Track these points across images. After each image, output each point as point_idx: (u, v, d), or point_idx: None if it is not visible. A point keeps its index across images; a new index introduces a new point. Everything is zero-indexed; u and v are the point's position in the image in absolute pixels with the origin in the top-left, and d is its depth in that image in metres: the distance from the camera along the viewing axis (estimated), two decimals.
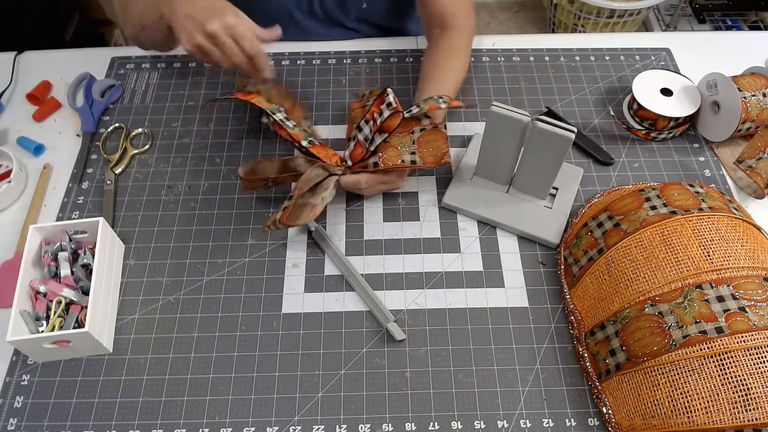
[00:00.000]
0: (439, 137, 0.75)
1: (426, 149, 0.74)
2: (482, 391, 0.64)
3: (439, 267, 0.73)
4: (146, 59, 0.96)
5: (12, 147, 0.84)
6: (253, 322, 0.69)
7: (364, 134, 0.73)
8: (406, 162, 0.73)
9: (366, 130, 0.73)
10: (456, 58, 0.84)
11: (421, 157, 0.74)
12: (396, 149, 0.74)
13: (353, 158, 0.74)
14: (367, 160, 0.73)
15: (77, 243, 0.70)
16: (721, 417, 0.54)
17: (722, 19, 1.92)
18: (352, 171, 0.73)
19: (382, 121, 0.71)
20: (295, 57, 0.96)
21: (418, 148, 0.74)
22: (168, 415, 0.63)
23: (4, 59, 0.95)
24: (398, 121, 0.71)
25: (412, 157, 0.73)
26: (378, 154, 0.73)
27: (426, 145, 0.75)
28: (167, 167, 0.83)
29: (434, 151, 0.74)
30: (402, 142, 0.74)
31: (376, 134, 0.72)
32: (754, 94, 0.79)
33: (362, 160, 0.73)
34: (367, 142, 0.73)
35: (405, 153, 0.74)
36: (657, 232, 0.64)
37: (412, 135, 0.75)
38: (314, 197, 0.71)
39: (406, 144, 0.74)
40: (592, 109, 0.89)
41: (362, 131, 0.74)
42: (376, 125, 0.72)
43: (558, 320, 0.69)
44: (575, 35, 1.03)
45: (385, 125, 0.72)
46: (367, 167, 0.73)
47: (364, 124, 0.73)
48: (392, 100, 0.72)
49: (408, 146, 0.74)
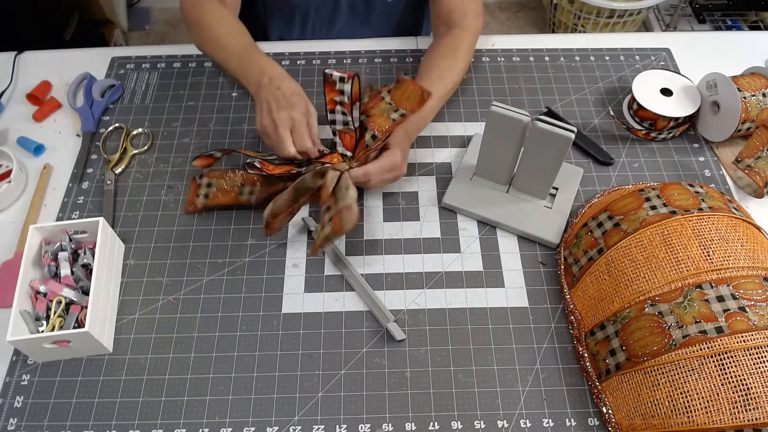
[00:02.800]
0: (407, 85, 0.74)
1: (405, 101, 0.74)
2: (482, 391, 0.64)
3: (439, 267, 0.73)
4: (146, 59, 0.96)
5: (12, 147, 0.84)
6: (253, 322, 0.69)
7: (342, 120, 0.72)
8: (396, 119, 0.72)
9: (339, 116, 0.72)
10: (454, 59, 0.84)
11: (406, 108, 0.73)
12: (382, 116, 0.73)
13: (349, 148, 0.73)
14: (363, 140, 0.72)
15: (77, 243, 0.70)
16: (721, 417, 0.54)
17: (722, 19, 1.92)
18: (357, 161, 0.73)
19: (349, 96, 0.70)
20: (295, 57, 0.96)
21: (398, 103, 0.73)
22: (168, 415, 0.63)
23: (4, 59, 0.95)
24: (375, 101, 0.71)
25: (398, 114, 0.73)
26: (369, 126, 0.72)
27: (401, 98, 0.74)
28: (167, 167, 0.83)
29: (412, 97, 0.73)
30: (382, 108, 0.74)
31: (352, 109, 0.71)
32: (753, 94, 0.79)
33: (358, 143, 0.72)
34: (348, 124, 0.72)
35: (391, 113, 0.73)
36: (657, 232, 0.64)
37: (384, 99, 0.74)
38: (343, 200, 0.68)
39: (385, 109, 0.73)
40: (592, 109, 0.89)
41: (336, 122, 0.73)
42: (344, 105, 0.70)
43: (558, 320, 0.69)
44: (575, 35, 1.04)
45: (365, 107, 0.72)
46: (367, 146, 0.72)
47: (332, 114, 0.72)
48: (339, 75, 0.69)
49: (388, 109, 0.73)
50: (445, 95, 0.84)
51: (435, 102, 0.81)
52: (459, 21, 0.87)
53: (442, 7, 0.88)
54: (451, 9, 0.87)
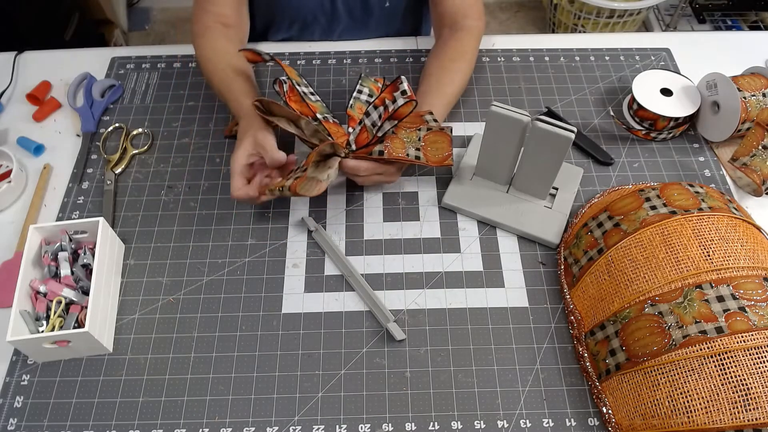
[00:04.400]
0: (444, 140, 0.75)
1: (430, 149, 0.74)
2: (482, 391, 0.64)
3: (439, 267, 0.73)
4: (146, 59, 0.96)
5: (12, 147, 0.84)
6: (253, 322, 0.69)
7: (372, 120, 0.72)
8: (411, 156, 0.73)
9: (374, 115, 0.72)
10: (462, 61, 0.84)
11: (425, 155, 0.74)
12: (402, 142, 0.73)
13: (358, 143, 0.73)
14: (373, 147, 0.72)
15: (77, 243, 0.71)
16: (721, 417, 0.54)
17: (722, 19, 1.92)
18: (355, 155, 0.73)
19: (394, 109, 0.70)
20: (295, 57, 0.96)
21: (423, 147, 0.74)
22: (168, 415, 0.63)
23: (4, 59, 0.95)
24: (411, 109, 0.70)
25: (416, 153, 0.73)
26: (384, 143, 0.73)
27: (431, 145, 0.75)
28: (167, 167, 0.83)
29: (438, 152, 0.75)
30: (409, 138, 0.74)
31: (386, 121, 0.71)
32: (753, 94, 0.79)
33: (367, 146, 0.73)
34: (374, 128, 0.72)
35: (410, 148, 0.73)
36: (657, 232, 0.64)
37: (418, 132, 0.75)
38: (320, 173, 0.70)
39: (412, 140, 0.74)
40: (592, 109, 0.89)
41: (370, 116, 0.73)
42: (387, 112, 0.71)
43: (558, 320, 0.69)
44: (575, 35, 1.03)
45: (398, 113, 0.71)
46: (371, 154, 0.72)
47: (373, 110, 0.73)
48: (407, 88, 0.71)
49: (414, 142, 0.74)
50: (455, 99, 0.84)
51: (445, 108, 0.81)
52: (463, 23, 0.87)
53: (444, 9, 0.88)
54: (453, 11, 0.87)
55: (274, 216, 0.78)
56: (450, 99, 0.81)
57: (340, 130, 0.76)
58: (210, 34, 0.85)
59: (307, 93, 0.76)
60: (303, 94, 0.75)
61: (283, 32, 1.01)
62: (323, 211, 0.78)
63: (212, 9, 0.86)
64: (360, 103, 0.79)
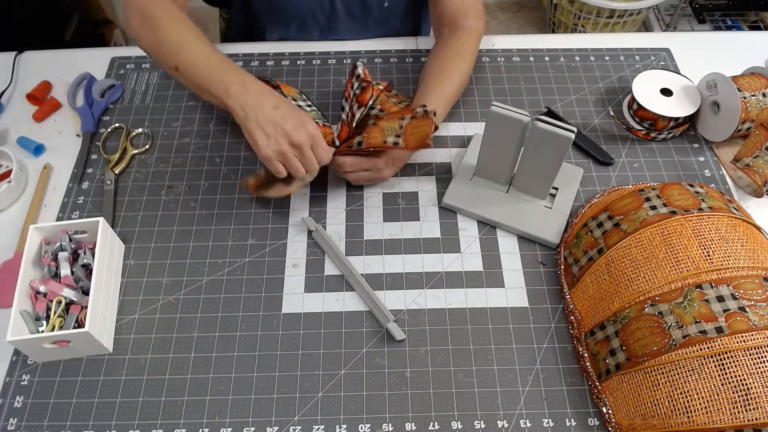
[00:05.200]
0: (426, 123, 0.74)
1: (411, 134, 0.74)
2: (482, 391, 0.64)
3: (439, 267, 0.73)
4: (146, 59, 0.96)
5: (12, 147, 0.84)
6: (253, 322, 0.69)
7: (345, 112, 0.73)
8: (390, 143, 0.72)
9: (346, 107, 0.73)
10: (461, 61, 0.84)
11: (405, 140, 0.73)
12: (382, 131, 0.73)
13: (340, 138, 0.74)
14: (352, 140, 0.73)
15: (77, 243, 0.70)
16: (721, 417, 0.54)
17: (722, 19, 1.92)
18: (339, 151, 0.73)
19: (355, 95, 0.70)
20: (295, 57, 0.96)
21: (404, 133, 0.73)
22: (168, 415, 0.63)
23: (4, 59, 0.95)
24: (370, 93, 0.71)
25: (395, 140, 0.73)
26: (363, 134, 0.72)
27: (412, 130, 0.74)
28: (167, 167, 0.83)
29: (418, 135, 0.74)
30: (390, 127, 0.74)
31: (356, 110, 0.72)
32: (753, 94, 0.79)
33: (347, 139, 0.73)
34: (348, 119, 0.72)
35: (390, 136, 0.73)
36: (657, 232, 0.64)
37: (401, 121, 0.74)
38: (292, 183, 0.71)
39: (393, 129, 0.73)
40: (592, 109, 0.89)
41: (344, 110, 0.73)
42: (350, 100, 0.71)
43: (558, 320, 0.69)
44: (575, 35, 1.03)
45: (360, 99, 0.71)
46: (351, 146, 0.72)
47: (345, 103, 0.73)
48: (361, 72, 0.71)
49: (395, 131, 0.73)
50: (454, 99, 0.84)
51: (444, 108, 0.81)
52: (462, 23, 0.87)
53: (444, 9, 0.88)
54: (452, 11, 0.87)
55: (274, 216, 0.78)
56: (449, 98, 0.81)
57: (328, 131, 0.76)
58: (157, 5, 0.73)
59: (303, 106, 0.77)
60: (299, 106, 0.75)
61: (282, 31, 1.00)
62: (323, 211, 0.78)
63: None
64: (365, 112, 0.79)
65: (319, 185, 0.80)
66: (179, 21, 0.72)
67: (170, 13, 0.73)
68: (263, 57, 0.96)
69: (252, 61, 0.95)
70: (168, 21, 0.72)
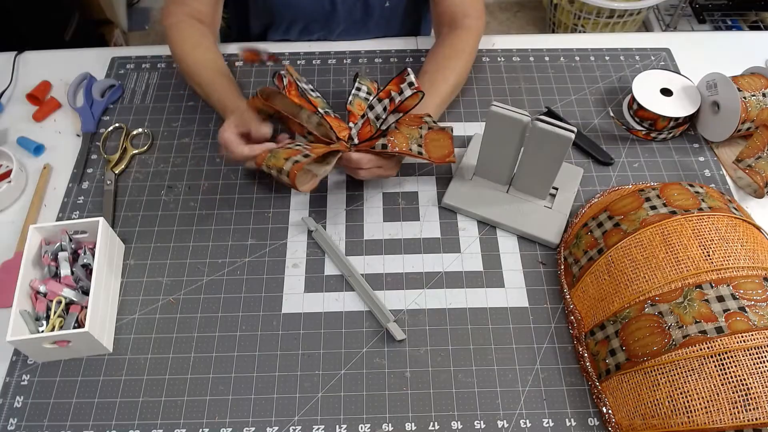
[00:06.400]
0: (445, 137, 0.76)
1: (431, 146, 0.74)
2: (482, 391, 0.64)
3: (439, 267, 0.73)
4: (146, 59, 0.96)
5: (12, 147, 0.84)
6: (253, 322, 0.69)
7: (376, 113, 0.72)
8: (414, 151, 0.73)
9: (378, 108, 0.72)
10: (458, 59, 0.84)
11: (427, 151, 0.74)
12: (405, 137, 0.73)
13: (361, 136, 0.73)
14: (376, 140, 0.72)
15: (77, 243, 0.70)
16: (721, 417, 0.54)
17: (722, 19, 1.92)
18: (357, 149, 0.73)
19: (401, 101, 0.69)
20: (296, 57, 0.96)
21: (425, 144, 0.74)
22: (168, 415, 0.63)
23: (4, 59, 0.95)
24: (417, 101, 0.70)
25: (419, 149, 0.73)
26: (388, 137, 0.72)
27: (432, 142, 0.74)
28: (167, 167, 0.83)
29: (439, 150, 0.74)
30: (411, 134, 0.74)
31: (391, 114, 0.71)
32: (753, 94, 0.79)
33: (370, 139, 0.72)
34: (378, 120, 0.72)
35: (414, 144, 0.73)
36: (657, 232, 0.64)
37: (420, 130, 0.75)
38: (318, 168, 0.73)
39: (414, 136, 0.74)
40: (592, 109, 0.89)
41: (374, 109, 0.72)
42: (393, 104, 0.70)
43: (558, 320, 0.69)
44: (575, 35, 1.03)
45: (404, 105, 0.70)
46: (374, 147, 0.72)
47: (377, 102, 0.72)
48: (413, 80, 0.70)
49: (416, 139, 0.74)
50: (450, 97, 0.84)
51: (438, 107, 0.81)
52: (461, 22, 0.87)
53: (444, 8, 0.88)
54: (453, 10, 0.87)
55: (274, 216, 0.78)
56: (444, 97, 0.81)
57: (342, 124, 0.76)
58: (184, 27, 0.85)
59: (307, 89, 0.76)
60: (303, 90, 0.75)
61: (282, 32, 1.01)
62: (323, 211, 0.78)
63: (189, 2, 0.85)
64: (359, 99, 0.79)
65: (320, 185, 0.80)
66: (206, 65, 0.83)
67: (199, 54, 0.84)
68: None
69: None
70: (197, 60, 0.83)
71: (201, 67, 0.82)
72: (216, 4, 0.89)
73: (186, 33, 0.84)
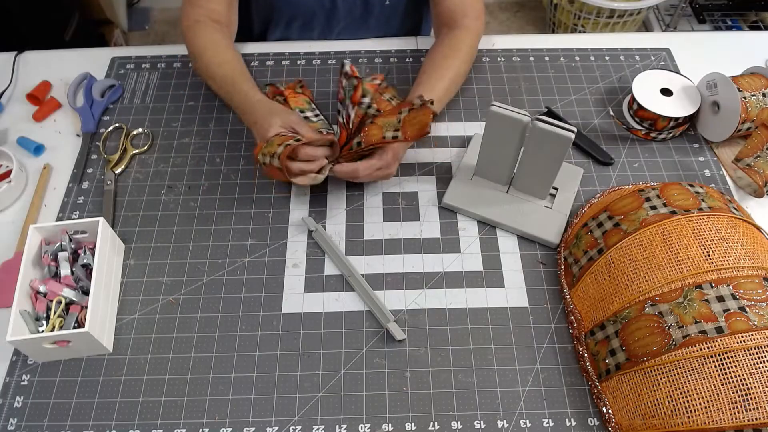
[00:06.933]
0: (425, 113, 0.73)
1: (410, 125, 0.73)
2: (482, 391, 0.64)
3: (439, 267, 0.73)
4: (146, 59, 0.96)
5: (12, 147, 0.84)
6: (253, 322, 0.69)
7: (342, 115, 0.73)
8: (388, 138, 0.72)
9: (342, 110, 0.73)
10: (455, 59, 0.84)
11: (403, 132, 0.72)
12: (380, 128, 0.73)
13: (340, 142, 0.73)
14: (352, 141, 0.73)
15: (77, 243, 0.70)
16: (721, 417, 0.54)
17: (722, 19, 1.92)
18: (341, 155, 0.73)
19: (348, 95, 0.70)
20: (295, 57, 0.96)
21: (402, 126, 0.73)
22: (168, 415, 0.63)
23: (4, 59, 0.95)
24: (360, 89, 0.71)
25: (394, 134, 0.72)
26: (361, 134, 0.72)
27: (411, 121, 0.73)
28: (167, 167, 0.83)
29: (416, 125, 0.73)
30: (387, 123, 0.73)
31: (350, 109, 0.71)
32: (753, 94, 0.79)
33: (348, 142, 0.73)
34: (345, 121, 0.72)
35: (388, 131, 0.73)
36: (657, 232, 0.64)
37: (399, 115, 0.74)
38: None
39: (391, 124, 0.73)
40: (592, 109, 0.89)
41: (340, 113, 0.73)
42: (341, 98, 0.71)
43: (558, 320, 0.69)
44: (575, 35, 1.03)
45: (353, 98, 0.71)
46: (351, 148, 0.72)
47: (340, 106, 0.73)
48: (348, 70, 0.71)
49: (393, 125, 0.73)
50: (446, 96, 0.83)
51: (436, 105, 0.81)
52: (460, 22, 0.87)
53: (443, 8, 0.88)
54: (452, 10, 0.87)
55: (274, 216, 0.78)
56: (440, 95, 0.81)
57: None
58: (202, 27, 0.85)
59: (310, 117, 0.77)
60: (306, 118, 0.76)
61: (282, 30, 1.00)
62: (323, 211, 0.78)
63: (203, 4, 0.86)
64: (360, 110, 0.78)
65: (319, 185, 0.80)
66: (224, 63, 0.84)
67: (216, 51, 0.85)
68: (263, 57, 0.96)
69: (252, 61, 0.95)
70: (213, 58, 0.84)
71: (222, 67, 0.82)
72: (231, 4, 0.89)
73: (203, 33, 0.85)
